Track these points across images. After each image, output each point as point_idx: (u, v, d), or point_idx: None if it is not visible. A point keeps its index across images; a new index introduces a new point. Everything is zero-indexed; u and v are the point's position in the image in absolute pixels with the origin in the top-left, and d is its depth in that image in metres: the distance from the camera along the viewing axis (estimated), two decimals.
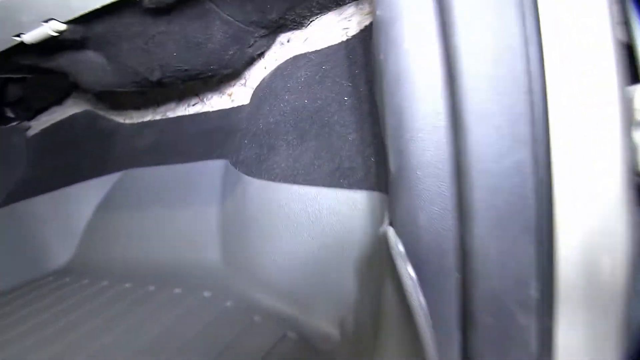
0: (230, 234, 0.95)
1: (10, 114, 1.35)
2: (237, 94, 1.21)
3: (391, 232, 0.46)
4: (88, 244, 1.14)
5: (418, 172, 0.44)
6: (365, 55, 0.85)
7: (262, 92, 1.03)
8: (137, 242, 1.08)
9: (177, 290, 0.88)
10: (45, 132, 1.36)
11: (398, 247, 0.44)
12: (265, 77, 1.05)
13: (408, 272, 0.43)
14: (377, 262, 0.60)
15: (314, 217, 0.79)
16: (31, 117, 1.41)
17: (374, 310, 0.59)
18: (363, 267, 0.71)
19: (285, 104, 0.93)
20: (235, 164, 0.99)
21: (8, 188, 1.23)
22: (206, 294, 0.86)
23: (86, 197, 1.16)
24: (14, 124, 1.36)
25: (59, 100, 1.41)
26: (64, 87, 1.37)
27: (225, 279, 0.91)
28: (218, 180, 1.04)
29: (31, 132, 1.38)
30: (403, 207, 0.45)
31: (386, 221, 0.50)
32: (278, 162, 0.88)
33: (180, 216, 1.05)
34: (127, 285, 0.95)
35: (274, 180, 0.86)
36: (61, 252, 1.15)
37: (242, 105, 1.15)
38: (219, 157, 1.07)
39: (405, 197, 0.45)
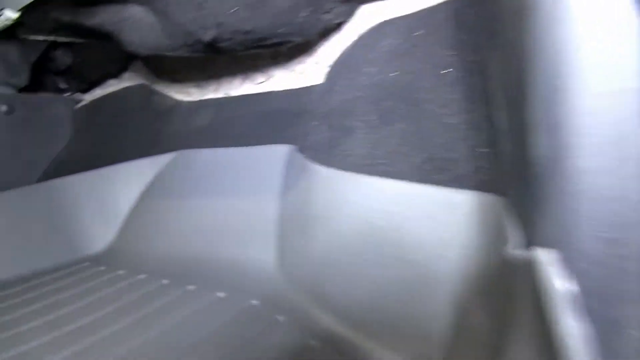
0: (290, 233, 0.79)
1: (62, 85, 1.25)
2: (309, 72, 1.05)
3: (545, 259, 0.27)
4: (129, 231, 1.02)
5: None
6: (476, 14, 0.66)
7: (339, 66, 0.87)
8: (182, 234, 0.95)
9: (220, 294, 0.73)
10: (94, 104, 1.25)
11: (559, 284, 0.26)
12: (345, 49, 0.89)
13: (577, 326, 0.25)
14: (495, 298, 0.42)
15: (397, 222, 0.61)
16: (85, 90, 1.30)
17: None
18: (465, 300, 0.52)
19: (366, 78, 0.76)
20: (302, 150, 0.83)
21: (48, 162, 1.12)
22: (254, 302, 0.71)
23: (133, 178, 1.04)
24: (66, 95, 1.26)
25: (115, 73, 1.30)
26: (119, 58, 1.26)
27: (277, 287, 0.75)
28: (281, 168, 0.89)
29: (80, 104, 1.28)
30: (564, 219, 0.27)
31: (514, 238, 0.32)
32: (353, 147, 0.71)
33: (234, 208, 0.90)
34: (164, 281, 0.82)
35: (346, 169, 0.69)
36: (100, 237, 1.03)
37: (314, 85, 1.00)
38: (283, 141, 0.92)
39: (568, 202, 0.27)
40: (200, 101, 1.16)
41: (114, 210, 1.03)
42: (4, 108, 1.04)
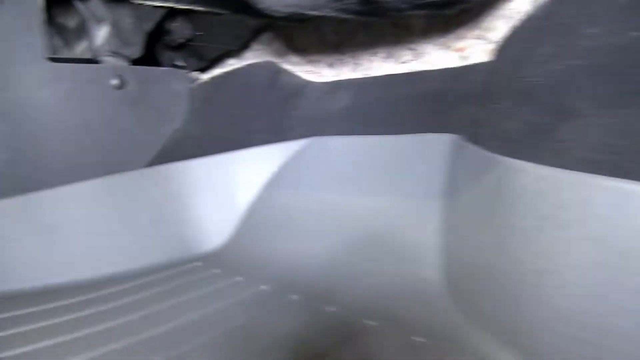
0: (467, 249, 0.59)
1: (179, 62, 1.13)
2: (472, 50, 0.86)
3: None
4: (249, 228, 0.87)
5: None
6: None
7: (532, 23, 0.67)
8: (314, 236, 0.79)
9: (370, 323, 0.55)
10: (215, 81, 1.12)
11: None
12: (541, 5, 0.68)
13: None
14: None
15: None
16: (203, 69, 1.18)
17: None
18: None
19: (589, 41, 0.55)
20: (477, 140, 0.64)
21: (161, 144, 1.00)
22: (419, 339, 0.52)
23: (256, 167, 0.89)
24: (181, 67, 1.15)
25: (236, 50, 1.18)
26: (244, 32, 1.13)
27: (447, 320, 0.55)
28: (442, 163, 0.70)
29: (199, 81, 1.15)
30: None
31: None
32: (576, 136, 0.50)
33: (381, 208, 0.72)
34: (293, 297, 0.66)
35: (568, 167, 0.47)
36: (216, 233, 0.89)
37: (480, 63, 0.81)
38: (442, 130, 0.73)
39: None
40: (335, 82, 0.99)
41: (234, 202, 0.89)
42: (114, 81, 0.92)
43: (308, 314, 0.59)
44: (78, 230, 0.81)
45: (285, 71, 1.06)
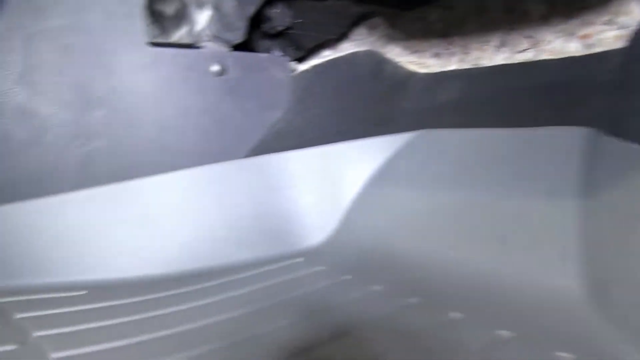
0: (610, 254, 0.52)
1: (276, 51, 1.10)
2: (599, 36, 0.79)
3: None
4: (353, 224, 0.83)
5: None
6: None
7: None
8: (428, 234, 0.73)
9: (503, 332, 0.49)
10: (317, 69, 1.08)
11: None
12: None
13: None
14: None
15: None
16: (300, 60, 1.15)
17: None
18: None
19: None
20: (621, 133, 0.57)
21: (261, 134, 0.97)
22: (562, 354, 0.45)
23: (362, 159, 0.84)
24: (280, 54, 1.12)
25: (335, 39, 1.15)
26: (345, 20, 1.09)
27: (596, 335, 0.49)
28: (576, 158, 0.63)
29: (301, 69, 1.12)
30: None
31: None
32: None
33: (503, 208, 0.66)
34: (412, 299, 0.60)
35: None
36: (318, 229, 0.85)
37: (611, 51, 0.73)
38: (571, 123, 0.66)
39: None
40: (442, 73, 0.93)
41: (336, 196, 0.85)
42: (215, 68, 0.89)
43: (429, 320, 0.53)
44: (175, 220, 0.79)
45: (389, 61, 1.02)
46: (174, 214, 0.80)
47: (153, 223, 0.79)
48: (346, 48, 1.14)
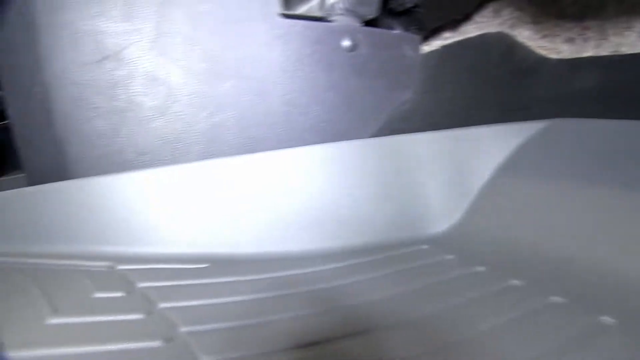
0: None
1: (398, 29, 1.08)
2: None
3: None
4: (481, 213, 0.79)
5: None
6: None
7: None
8: (553, 228, 0.69)
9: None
10: (445, 50, 1.05)
11: None
12: None
13: None
14: None
15: None
16: (422, 40, 1.12)
17: None
18: None
19: None
20: None
21: (387, 113, 0.95)
22: None
23: (491, 147, 0.81)
24: (411, 29, 1.09)
25: (458, 20, 1.10)
26: (469, 3, 1.06)
27: None
28: None
29: (426, 49, 1.09)
30: None
31: None
32: None
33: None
34: (515, 281, 0.60)
35: None
36: (443, 215, 0.82)
37: None
38: None
39: None
40: (578, 59, 0.88)
41: (463, 183, 0.82)
42: (347, 43, 0.88)
43: (579, 324, 0.51)
44: (298, 198, 0.78)
45: (520, 44, 0.97)
46: (298, 191, 0.78)
47: (276, 199, 0.78)
48: (468, 30, 1.10)
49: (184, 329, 0.51)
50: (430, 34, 1.11)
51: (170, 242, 0.73)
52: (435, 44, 1.09)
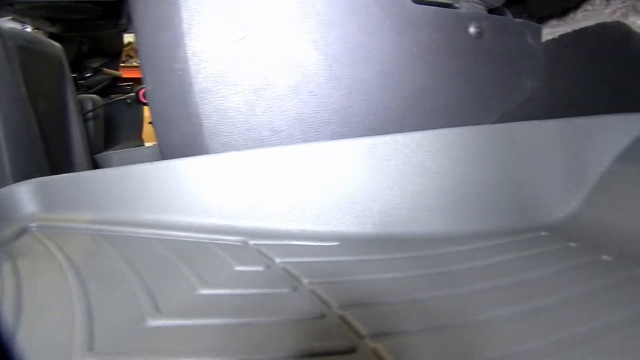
0: None
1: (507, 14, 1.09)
2: None
3: None
4: (599, 202, 0.81)
5: None
6: None
7: None
8: None
9: None
10: (564, 39, 1.06)
11: None
12: None
13: None
14: None
15: None
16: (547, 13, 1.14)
17: None
18: None
19: None
20: None
21: (509, 101, 0.96)
22: None
23: (609, 136, 0.84)
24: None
25: (563, 12, 1.13)
26: None
27: None
28: None
29: (548, 37, 1.10)
30: None
31: None
32: None
33: None
34: None
35: None
36: (561, 202, 0.84)
37: None
38: None
39: None
40: None
41: (582, 171, 0.84)
42: (474, 29, 0.89)
43: None
44: (421, 181, 0.80)
45: (636, 34, 0.97)
46: (422, 174, 0.80)
47: (402, 181, 0.79)
48: (578, 19, 1.10)
49: (336, 305, 0.53)
50: (538, 22, 1.11)
51: (300, 219, 0.76)
52: (546, 32, 1.09)
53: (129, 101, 2.15)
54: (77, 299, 0.52)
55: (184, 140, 0.83)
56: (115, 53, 2.38)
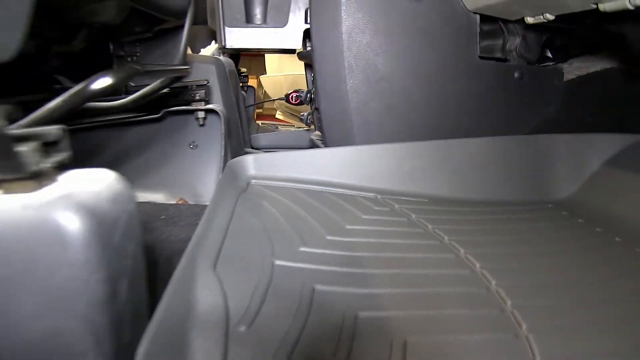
0: None
1: (548, 54, 1.51)
2: None
3: None
4: (592, 187, 1.14)
5: None
6: None
7: None
8: None
9: None
10: (580, 79, 1.41)
11: None
12: None
13: None
14: None
15: None
16: (564, 60, 1.51)
17: None
18: None
19: None
20: None
21: (535, 122, 1.37)
22: None
23: (598, 149, 1.20)
24: (551, 64, 1.51)
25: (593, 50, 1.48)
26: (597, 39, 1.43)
27: None
28: None
29: (568, 77, 1.46)
30: None
31: None
32: None
33: None
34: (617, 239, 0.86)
35: None
36: (564, 187, 1.19)
37: None
38: None
39: None
40: None
41: (579, 169, 1.19)
42: (517, 75, 1.33)
43: None
44: (472, 174, 1.20)
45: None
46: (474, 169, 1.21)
47: (457, 168, 1.18)
48: (590, 59, 1.48)
49: (479, 265, 0.69)
50: (569, 57, 1.53)
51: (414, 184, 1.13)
52: (574, 73, 1.48)
53: None
54: (267, 228, 0.78)
55: (342, 133, 1.30)
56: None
